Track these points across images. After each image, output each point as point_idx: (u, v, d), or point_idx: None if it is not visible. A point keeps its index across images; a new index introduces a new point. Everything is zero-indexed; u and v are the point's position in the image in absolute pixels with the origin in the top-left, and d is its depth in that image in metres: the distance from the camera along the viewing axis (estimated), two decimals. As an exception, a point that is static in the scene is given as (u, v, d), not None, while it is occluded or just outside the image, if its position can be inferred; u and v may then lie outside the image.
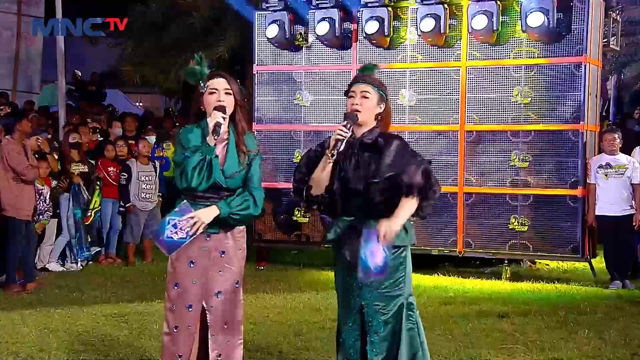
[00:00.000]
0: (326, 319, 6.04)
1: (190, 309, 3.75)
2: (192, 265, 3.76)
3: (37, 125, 10.40)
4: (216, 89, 3.69)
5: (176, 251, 3.67)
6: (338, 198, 3.66)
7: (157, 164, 9.58)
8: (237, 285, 3.81)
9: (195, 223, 3.62)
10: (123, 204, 9.14)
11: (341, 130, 3.56)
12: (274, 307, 6.68)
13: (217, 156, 3.65)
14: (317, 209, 3.87)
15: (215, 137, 3.59)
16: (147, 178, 9.19)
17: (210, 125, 3.59)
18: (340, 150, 3.56)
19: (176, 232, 3.63)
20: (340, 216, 3.69)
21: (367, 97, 3.65)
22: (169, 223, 3.64)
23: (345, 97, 3.74)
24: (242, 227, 3.82)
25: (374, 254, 3.47)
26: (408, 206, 3.54)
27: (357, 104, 3.64)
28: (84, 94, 14.95)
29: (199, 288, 3.74)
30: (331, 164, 3.61)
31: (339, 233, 3.69)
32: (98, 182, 9.00)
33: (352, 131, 3.64)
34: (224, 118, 3.63)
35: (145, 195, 9.18)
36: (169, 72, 12.46)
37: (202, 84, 3.71)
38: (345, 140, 3.56)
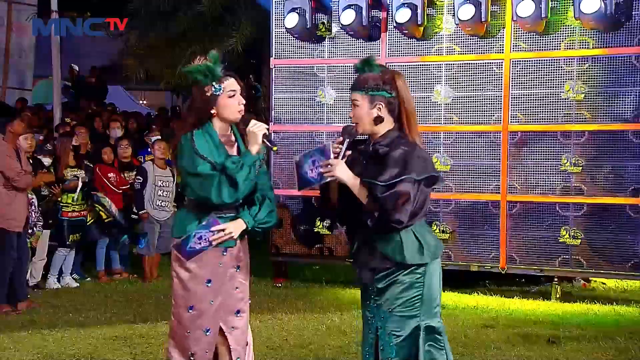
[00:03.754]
0: (352, 343, 6.05)
1: (208, 333, 3.83)
2: (209, 285, 3.84)
3: (29, 125, 10.53)
4: (235, 91, 3.81)
5: (194, 257, 3.82)
6: (349, 211, 3.71)
7: (175, 169, 9.53)
8: (249, 301, 3.99)
9: (225, 235, 3.77)
10: (136, 211, 9.20)
11: (335, 146, 3.64)
12: (293, 329, 6.70)
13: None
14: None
15: (272, 146, 3.79)
16: (164, 184, 9.23)
17: (260, 135, 3.74)
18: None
19: (200, 242, 3.78)
20: (359, 229, 3.73)
21: (357, 105, 3.68)
22: (194, 236, 3.77)
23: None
24: (246, 238, 3.97)
25: (315, 169, 3.59)
26: (361, 192, 3.55)
27: (351, 117, 3.70)
28: (83, 89, 15.10)
29: (216, 309, 3.83)
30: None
31: (355, 247, 3.75)
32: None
33: (369, 138, 3.71)
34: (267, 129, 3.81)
35: (160, 203, 9.22)
36: (176, 66, 12.55)
37: (215, 85, 3.77)
38: (340, 155, 3.62)
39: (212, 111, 3.80)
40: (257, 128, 3.75)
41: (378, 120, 3.65)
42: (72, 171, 8.84)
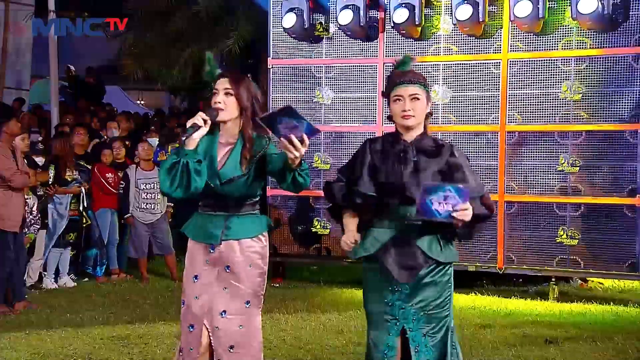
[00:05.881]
0: (349, 343, 6.04)
1: (191, 330, 3.81)
2: (195, 281, 3.83)
3: (27, 125, 10.52)
4: (217, 90, 3.78)
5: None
6: (384, 206, 3.66)
7: None
8: (247, 306, 3.81)
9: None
10: (122, 216, 9.24)
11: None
12: (290, 329, 6.69)
13: (198, 161, 3.68)
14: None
15: (183, 137, 3.68)
16: (148, 186, 9.21)
17: (188, 124, 3.67)
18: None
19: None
20: (382, 227, 3.70)
21: (418, 99, 3.66)
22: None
23: (368, 95, 3.80)
24: (254, 242, 3.84)
25: (444, 205, 3.45)
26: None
27: (408, 110, 3.64)
28: (81, 89, 15.08)
29: (200, 306, 3.79)
30: None
31: (380, 246, 3.69)
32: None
33: (399, 134, 3.72)
34: (205, 121, 3.68)
35: (146, 205, 9.21)
36: (174, 66, 12.53)
37: (213, 85, 3.82)
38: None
39: None
40: (190, 120, 3.71)
41: (429, 116, 3.73)
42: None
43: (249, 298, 3.81)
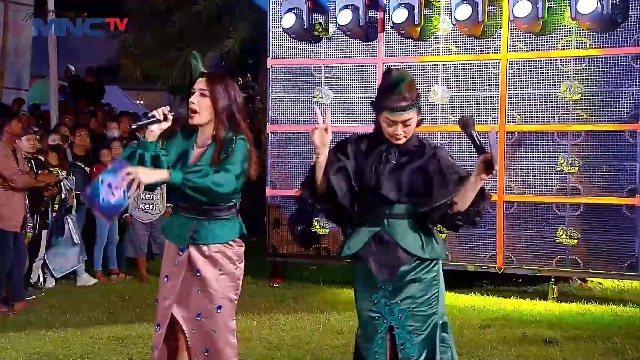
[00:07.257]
0: (348, 343, 6.05)
1: (158, 329, 3.79)
2: (166, 281, 3.81)
3: (27, 125, 10.51)
4: (194, 89, 3.74)
5: (116, 216, 3.68)
6: (364, 205, 3.66)
7: None
8: (218, 311, 3.76)
9: (132, 180, 3.47)
10: (121, 216, 9.24)
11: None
12: (290, 329, 6.70)
13: (155, 154, 3.67)
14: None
15: (133, 126, 3.85)
16: None
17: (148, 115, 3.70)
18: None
19: (112, 194, 3.45)
20: (366, 225, 3.70)
21: (409, 124, 3.63)
22: (102, 183, 3.46)
23: (368, 95, 3.78)
24: (224, 247, 3.77)
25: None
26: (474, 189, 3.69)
27: (399, 134, 3.62)
28: (81, 89, 15.08)
29: (169, 307, 3.77)
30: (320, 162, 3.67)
31: (363, 245, 3.70)
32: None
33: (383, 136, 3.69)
34: (165, 116, 3.69)
35: (144, 205, 9.21)
36: (173, 66, 12.54)
37: None
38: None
39: None
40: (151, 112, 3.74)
41: (419, 123, 3.70)
42: (54, 170, 8.75)
43: (220, 303, 3.75)
